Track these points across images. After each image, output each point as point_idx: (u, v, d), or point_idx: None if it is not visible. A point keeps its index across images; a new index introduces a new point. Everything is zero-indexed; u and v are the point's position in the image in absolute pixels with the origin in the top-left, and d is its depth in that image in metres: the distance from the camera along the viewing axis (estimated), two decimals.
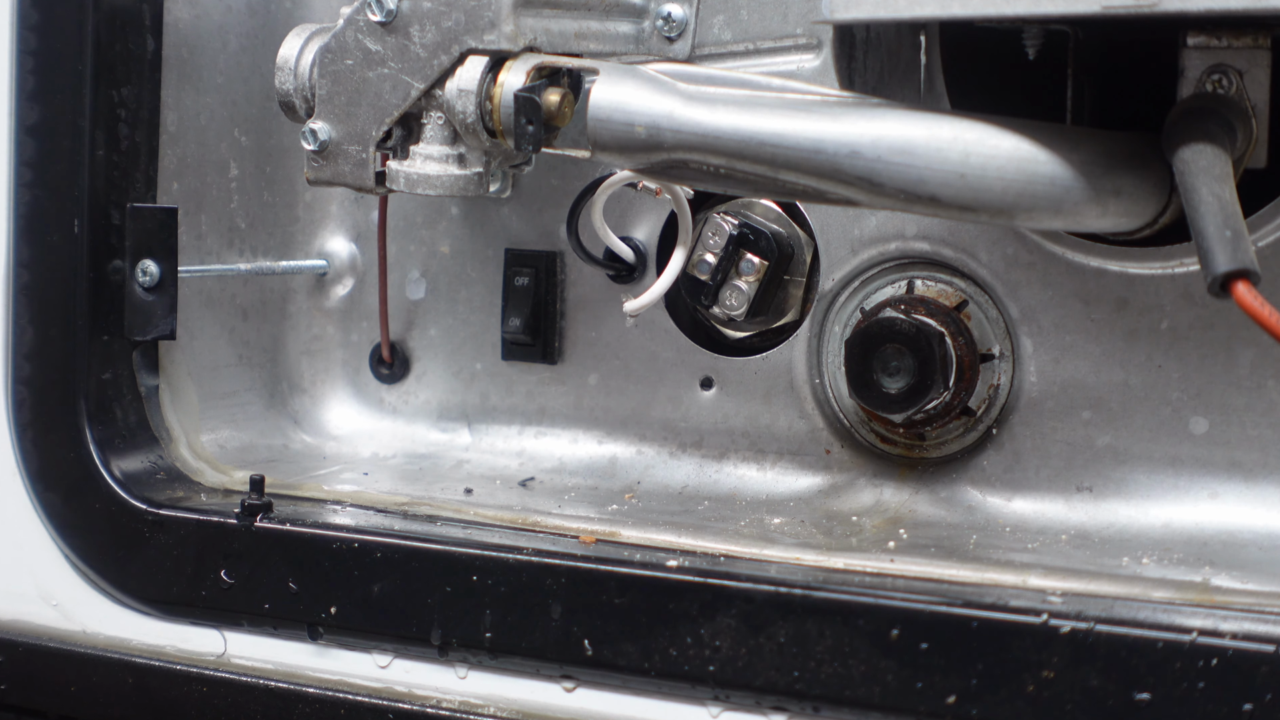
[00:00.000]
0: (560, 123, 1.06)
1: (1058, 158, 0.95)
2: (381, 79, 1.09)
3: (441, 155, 1.11)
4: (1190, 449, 1.13)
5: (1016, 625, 0.93)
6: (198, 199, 1.30)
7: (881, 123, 0.95)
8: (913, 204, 0.96)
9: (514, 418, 1.32)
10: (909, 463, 1.20)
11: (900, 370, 1.13)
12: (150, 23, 1.24)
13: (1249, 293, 0.85)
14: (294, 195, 1.38)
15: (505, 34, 1.07)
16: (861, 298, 1.21)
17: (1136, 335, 1.13)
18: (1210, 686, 0.89)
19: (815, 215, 1.21)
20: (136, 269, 1.21)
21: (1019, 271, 1.15)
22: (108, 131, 1.22)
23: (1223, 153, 0.93)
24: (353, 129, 1.11)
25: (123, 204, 1.22)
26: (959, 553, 1.08)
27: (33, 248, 1.23)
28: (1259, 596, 0.96)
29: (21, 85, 1.22)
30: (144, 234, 1.20)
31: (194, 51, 1.28)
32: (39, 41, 1.21)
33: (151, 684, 1.20)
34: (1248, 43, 1.00)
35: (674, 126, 0.98)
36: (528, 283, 1.29)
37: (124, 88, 1.23)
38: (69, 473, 1.23)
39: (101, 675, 1.22)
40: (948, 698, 0.95)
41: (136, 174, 1.24)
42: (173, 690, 1.19)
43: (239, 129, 1.33)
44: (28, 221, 1.22)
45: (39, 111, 1.22)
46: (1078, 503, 1.15)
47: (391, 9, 1.08)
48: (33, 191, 1.22)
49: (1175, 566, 1.05)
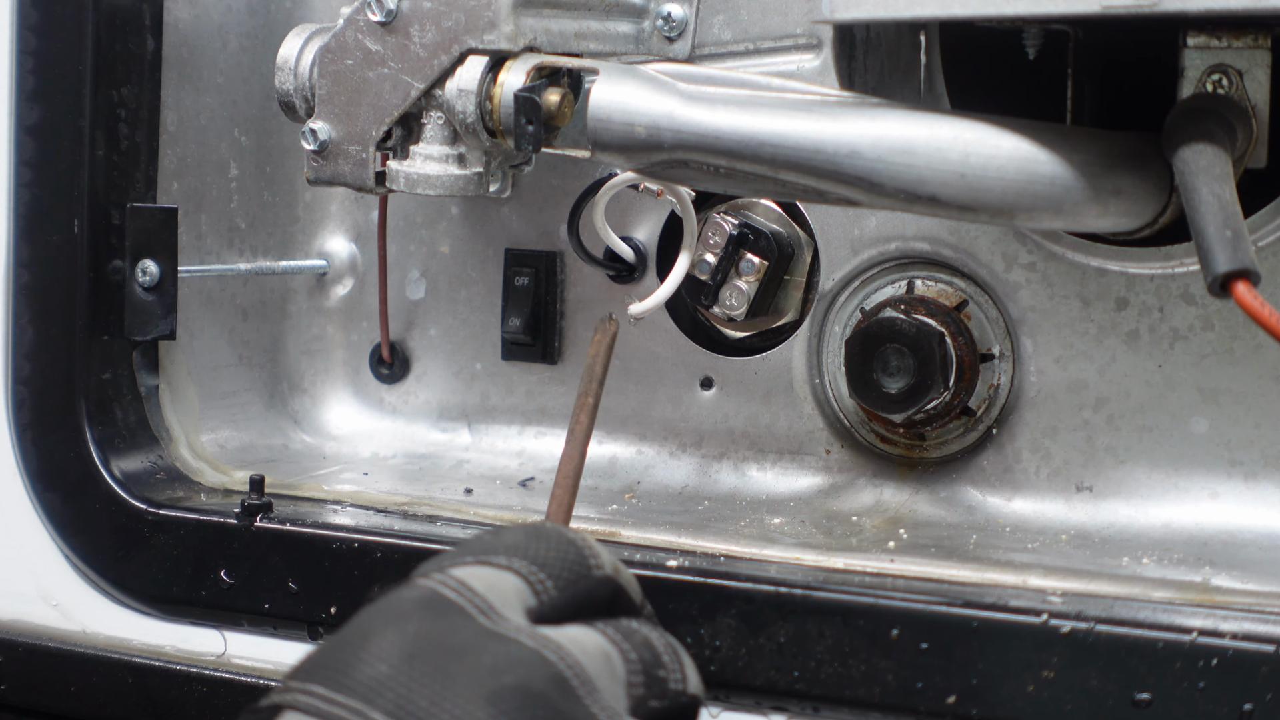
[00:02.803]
0: (560, 123, 1.06)
1: (1058, 158, 0.95)
2: (381, 79, 1.09)
3: (441, 155, 1.11)
4: (1190, 449, 1.13)
5: (1017, 625, 0.93)
6: (198, 199, 1.30)
7: (881, 123, 0.96)
8: (913, 204, 0.96)
9: (514, 418, 1.33)
10: (909, 463, 1.20)
11: (900, 370, 1.13)
12: (150, 23, 1.24)
13: (1249, 293, 0.85)
14: (294, 195, 1.38)
15: (505, 34, 1.07)
16: (861, 298, 1.21)
17: (1137, 335, 1.13)
18: (1210, 686, 0.89)
19: (815, 215, 1.21)
20: (136, 269, 1.21)
21: (1019, 271, 1.15)
22: (108, 131, 1.22)
23: (1223, 152, 0.93)
24: (353, 129, 1.11)
25: (123, 204, 1.22)
26: (959, 553, 1.08)
27: (33, 248, 1.23)
28: (1259, 596, 0.96)
29: (21, 85, 1.22)
30: (144, 234, 1.20)
31: (194, 51, 1.28)
32: (39, 41, 1.21)
33: (151, 684, 1.20)
34: (1248, 43, 1.00)
35: (674, 126, 0.98)
36: (528, 283, 1.29)
37: (124, 88, 1.23)
38: (69, 473, 1.23)
39: (101, 675, 1.22)
40: (948, 698, 0.95)
41: (136, 174, 1.24)
42: (173, 690, 1.19)
43: (239, 129, 1.33)
44: (28, 221, 1.23)
45: (39, 111, 1.22)
46: (1078, 503, 1.15)
47: (391, 9, 1.08)
48: (33, 191, 1.22)
49: (1175, 566, 1.05)
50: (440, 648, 0.80)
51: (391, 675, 0.79)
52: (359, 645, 0.81)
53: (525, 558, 0.87)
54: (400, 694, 0.78)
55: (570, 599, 0.88)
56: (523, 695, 0.78)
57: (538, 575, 0.87)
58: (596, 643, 0.84)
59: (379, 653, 0.80)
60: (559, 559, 0.89)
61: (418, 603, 0.83)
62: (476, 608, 0.83)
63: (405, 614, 0.83)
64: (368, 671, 0.79)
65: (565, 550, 0.89)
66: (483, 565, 0.86)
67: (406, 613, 0.83)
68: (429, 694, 0.78)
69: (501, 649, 0.80)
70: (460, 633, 0.81)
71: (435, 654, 0.80)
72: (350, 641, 0.82)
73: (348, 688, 0.78)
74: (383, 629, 0.81)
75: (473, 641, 0.81)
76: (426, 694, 0.78)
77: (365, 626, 0.82)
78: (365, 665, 0.79)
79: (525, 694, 0.78)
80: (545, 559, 0.88)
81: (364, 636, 0.81)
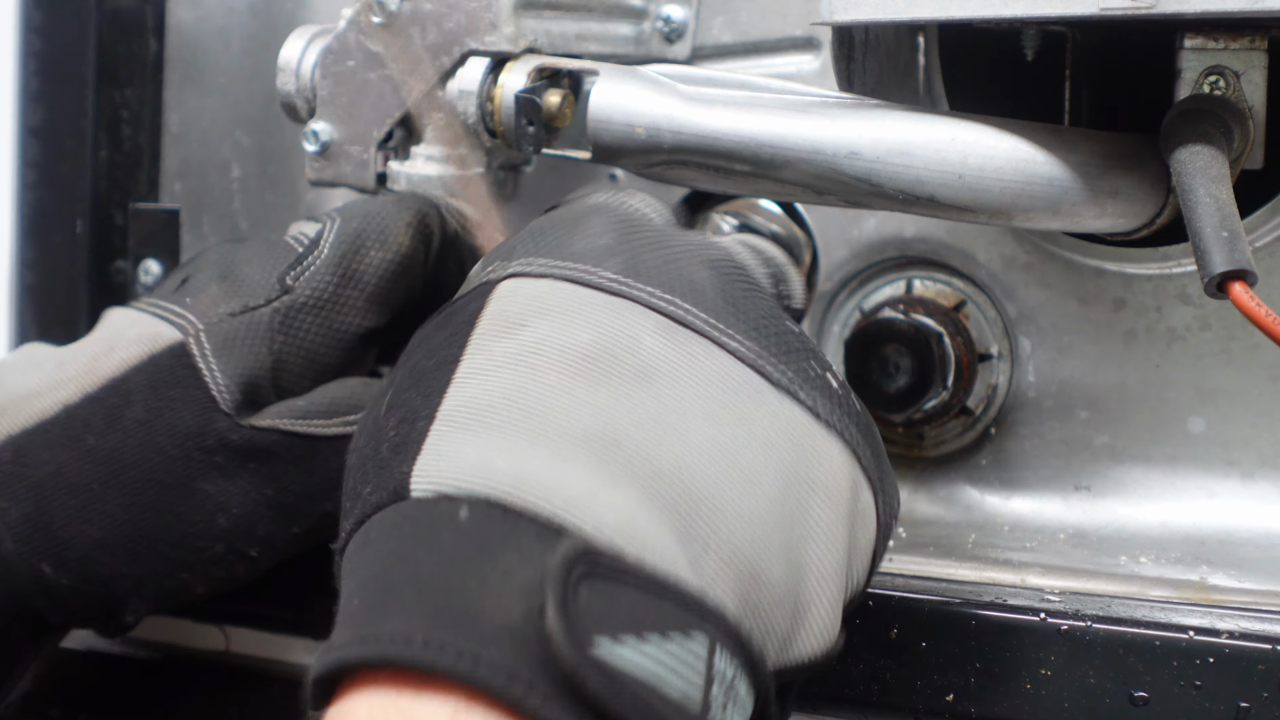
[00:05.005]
0: (561, 124, 1.07)
1: (1055, 159, 0.95)
2: (383, 80, 1.10)
3: (443, 156, 1.11)
4: (1188, 448, 1.13)
5: (1014, 623, 0.94)
6: (200, 200, 1.30)
7: (880, 124, 0.96)
8: (911, 205, 0.96)
9: None
10: (907, 462, 1.20)
11: (899, 370, 1.13)
12: (153, 25, 1.24)
13: (1245, 293, 0.86)
14: (295, 196, 1.38)
15: (506, 35, 1.07)
16: (860, 298, 1.21)
17: (1134, 335, 1.14)
18: (1207, 684, 0.89)
19: (814, 215, 1.21)
20: (139, 269, 1.21)
21: (1017, 272, 1.16)
22: (111, 133, 1.22)
23: (1219, 154, 0.93)
24: (354, 130, 1.11)
25: (125, 205, 1.23)
26: (957, 551, 1.08)
27: (37, 248, 1.23)
28: (1255, 595, 0.97)
29: (26, 87, 1.23)
30: (147, 234, 1.21)
31: (196, 53, 1.29)
32: (43, 43, 1.22)
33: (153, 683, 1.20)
34: (1244, 44, 1.00)
35: (674, 128, 0.99)
36: None
37: (127, 89, 1.23)
38: None
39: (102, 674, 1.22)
40: (946, 695, 0.95)
41: (139, 175, 1.25)
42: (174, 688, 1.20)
43: (241, 130, 1.33)
44: (32, 222, 1.23)
45: (43, 113, 1.22)
46: (1075, 502, 1.15)
47: (393, 11, 1.09)
48: (37, 192, 1.23)
49: (1172, 565, 1.05)
50: (647, 229, 0.84)
51: (615, 244, 0.82)
52: (569, 229, 0.84)
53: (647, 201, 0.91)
54: (629, 257, 0.81)
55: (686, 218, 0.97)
56: (731, 265, 0.84)
57: (654, 204, 0.92)
58: (740, 247, 0.89)
59: (596, 229, 0.83)
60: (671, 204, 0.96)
61: (604, 200, 0.89)
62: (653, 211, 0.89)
63: (600, 206, 0.87)
64: (590, 243, 0.82)
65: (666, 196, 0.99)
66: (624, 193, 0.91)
67: (601, 205, 0.87)
68: (656, 258, 0.81)
69: (699, 239, 0.86)
70: (658, 230, 0.85)
71: (650, 231, 0.84)
72: (555, 228, 0.85)
73: (575, 254, 0.81)
74: (586, 217, 0.85)
75: (672, 234, 0.85)
76: (653, 258, 0.81)
77: (568, 217, 0.86)
78: (584, 239, 0.82)
79: (733, 264, 0.84)
80: (658, 206, 0.92)
81: (570, 223, 0.85)
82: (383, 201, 1.04)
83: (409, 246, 1.02)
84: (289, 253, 1.01)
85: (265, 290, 0.99)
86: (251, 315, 0.98)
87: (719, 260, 0.83)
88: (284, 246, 1.01)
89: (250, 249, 1.02)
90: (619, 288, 0.79)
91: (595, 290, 0.79)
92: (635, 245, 0.82)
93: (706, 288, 0.80)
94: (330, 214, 1.03)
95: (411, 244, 1.02)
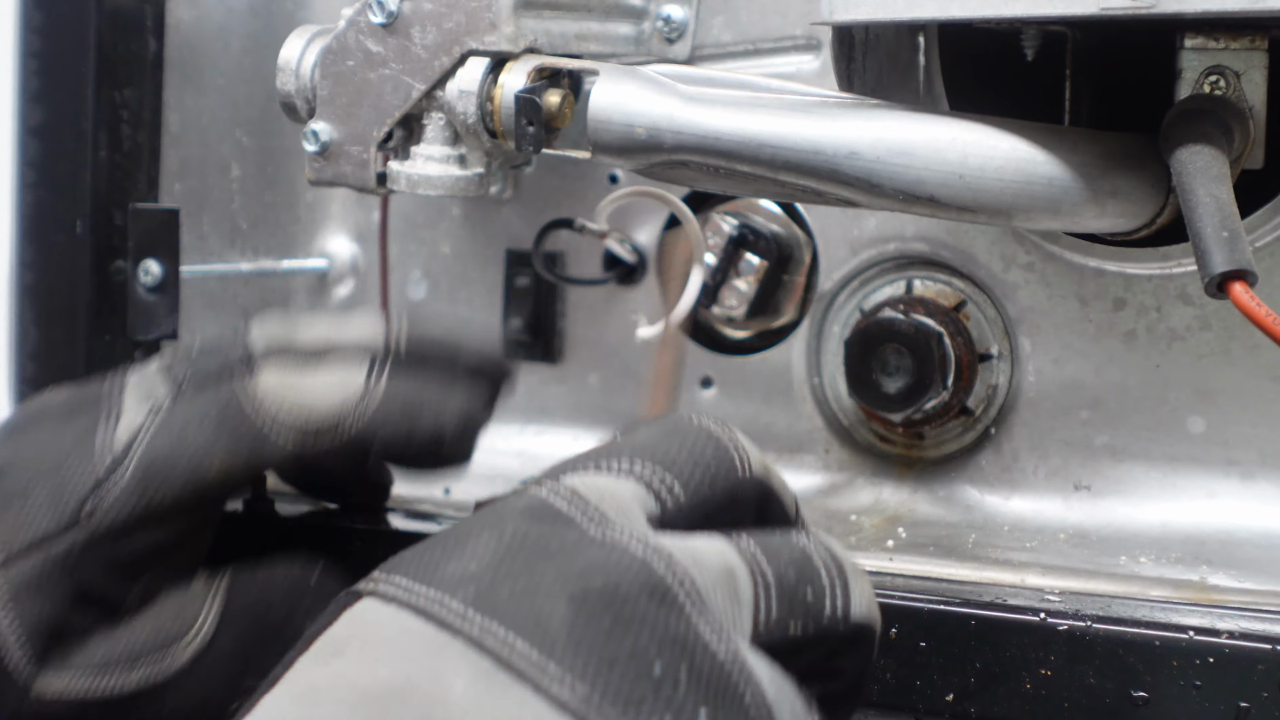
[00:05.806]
0: (561, 124, 1.07)
1: (1056, 159, 0.96)
2: (383, 80, 1.10)
3: (442, 156, 1.11)
4: (1188, 448, 1.13)
5: (1014, 623, 0.94)
6: (200, 199, 1.30)
7: (880, 124, 0.96)
8: (911, 205, 0.96)
9: (514, 417, 1.33)
10: (908, 462, 1.20)
11: (899, 370, 1.13)
12: (153, 24, 1.24)
13: (1245, 293, 0.86)
14: (295, 196, 1.38)
15: (506, 35, 1.07)
16: (860, 298, 1.21)
17: (1134, 335, 1.14)
18: (1207, 684, 0.89)
19: (815, 216, 1.21)
20: (139, 269, 1.21)
21: (1017, 272, 1.16)
22: (110, 132, 1.22)
23: (1220, 154, 0.93)
24: (354, 130, 1.11)
25: (125, 204, 1.22)
26: (957, 551, 1.08)
27: (36, 248, 1.23)
28: (1255, 595, 0.97)
29: (25, 87, 1.23)
30: (146, 234, 1.21)
31: (196, 53, 1.29)
32: (42, 43, 1.22)
33: None
34: (1245, 44, 1.00)
35: (674, 128, 0.99)
36: (528, 283, 1.30)
37: (126, 89, 1.23)
38: None
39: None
40: (946, 695, 0.95)
41: (139, 175, 1.25)
42: None
43: (241, 130, 1.33)
44: (31, 222, 1.23)
45: (42, 113, 1.22)
46: (1075, 502, 1.16)
47: (393, 10, 1.09)
48: (36, 192, 1.23)
49: (1172, 565, 1.06)
50: (536, 551, 0.74)
51: (478, 572, 0.73)
52: (453, 545, 0.76)
53: (652, 459, 0.79)
54: (482, 588, 0.72)
55: (700, 504, 0.79)
56: (609, 598, 0.71)
57: (663, 478, 0.78)
58: (720, 555, 0.76)
59: (472, 552, 0.74)
60: (692, 459, 0.79)
61: (522, 510, 0.77)
62: (587, 517, 0.76)
63: (506, 519, 0.77)
64: (456, 568, 0.74)
65: (702, 448, 0.80)
66: (599, 472, 0.79)
67: (507, 519, 0.77)
68: (510, 589, 0.72)
69: (600, 554, 0.73)
70: (561, 538, 0.75)
71: (528, 555, 0.74)
72: (445, 541, 0.77)
73: (432, 580, 0.73)
74: (479, 532, 0.76)
75: (571, 546, 0.74)
76: (508, 589, 0.72)
77: (464, 530, 0.77)
78: (455, 562, 0.74)
79: (612, 597, 0.71)
80: (675, 459, 0.79)
81: (460, 538, 0.76)
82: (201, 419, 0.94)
83: (222, 479, 0.94)
84: (87, 473, 0.92)
85: (60, 517, 0.91)
86: (48, 547, 0.90)
87: (602, 591, 0.72)
88: (83, 463, 0.93)
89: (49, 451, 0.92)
90: (454, 621, 0.72)
91: (428, 623, 0.72)
92: (502, 572, 0.74)
93: (554, 623, 0.71)
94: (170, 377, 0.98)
95: (227, 478, 0.94)
